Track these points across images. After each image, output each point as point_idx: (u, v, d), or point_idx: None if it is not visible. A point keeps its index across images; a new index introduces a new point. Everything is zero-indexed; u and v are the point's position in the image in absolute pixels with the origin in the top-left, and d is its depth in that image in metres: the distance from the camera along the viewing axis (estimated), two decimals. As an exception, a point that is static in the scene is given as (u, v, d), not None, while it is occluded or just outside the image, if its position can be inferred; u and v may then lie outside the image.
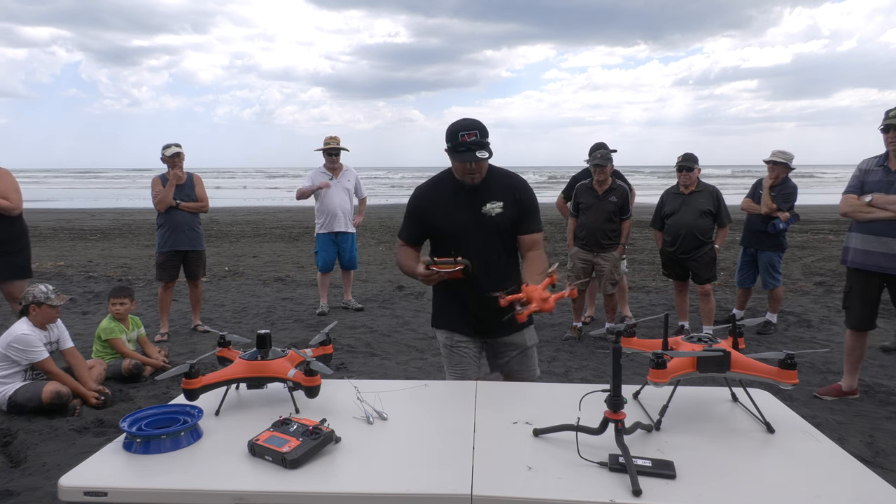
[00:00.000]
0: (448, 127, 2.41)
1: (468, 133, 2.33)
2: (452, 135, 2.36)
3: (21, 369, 3.83)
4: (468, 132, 2.33)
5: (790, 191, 5.51)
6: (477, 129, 2.35)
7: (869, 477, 1.52)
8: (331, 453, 1.61)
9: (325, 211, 6.31)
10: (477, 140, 2.33)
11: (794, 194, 5.50)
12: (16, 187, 4.51)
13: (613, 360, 1.54)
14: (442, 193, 2.52)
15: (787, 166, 5.56)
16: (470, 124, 2.36)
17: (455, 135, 2.35)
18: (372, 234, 14.08)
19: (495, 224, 2.46)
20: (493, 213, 2.45)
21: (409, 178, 57.20)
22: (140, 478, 1.52)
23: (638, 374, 4.23)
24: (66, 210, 22.28)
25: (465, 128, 2.35)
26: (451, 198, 2.48)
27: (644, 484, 1.41)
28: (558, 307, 6.57)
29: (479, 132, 2.34)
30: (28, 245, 4.68)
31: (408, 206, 2.59)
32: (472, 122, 2.38)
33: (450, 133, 2.38)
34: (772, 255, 5.58)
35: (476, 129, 2.34)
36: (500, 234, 2.49)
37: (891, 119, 3.61)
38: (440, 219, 2.49)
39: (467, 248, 2.39)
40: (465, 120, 2.40)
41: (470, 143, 2.33)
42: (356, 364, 4.79)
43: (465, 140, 2.33)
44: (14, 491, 2.87)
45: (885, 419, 3.69)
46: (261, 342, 1.99)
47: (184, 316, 6.19)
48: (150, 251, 7.07)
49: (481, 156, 2.32)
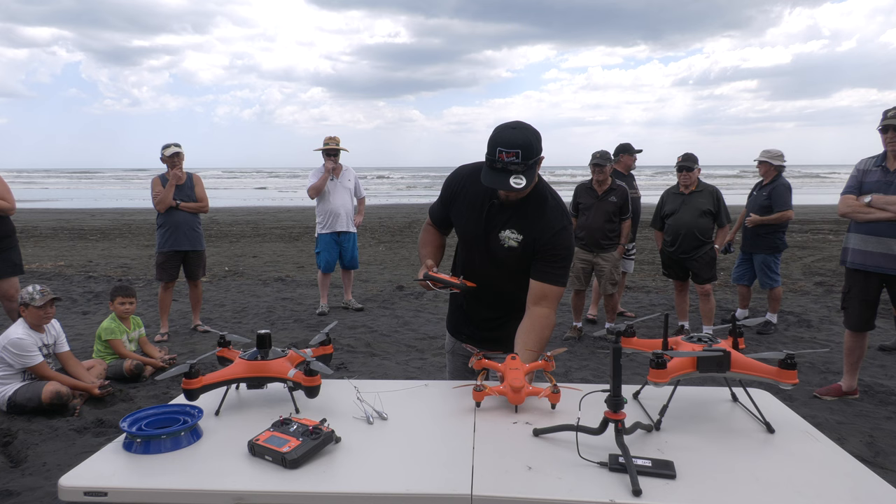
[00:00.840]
0: (494, 130, 1.97)
1: (507, 152, 1.88)
2: (491, 145, 1.93)
3: (19, 371, 3.83)
4: (508, 150, 1.88)
5: (782, 190, 5.54)
6: (520, 148, 1.88)
7: (869, 477, 1.52)
8: (331, 453, 1.61)
9: (327, 211, 6.32)
10: (517, 162, 1.89)
11: (784, 193, 5.54)
12: (8, 188, 4.63)
13: (613, 360, 1.54)
14: (476, 190, 2.13)
15: (770, 164, 5.60)
16: (512, 140, 1.90)
17: (493, 147, 1.92)
18: (372, 234, 14.09)
19: (502, 255, 2.13)
20: (506, 245, 2.11)
21: (408, 177, 57.16)
22: (140, 478, 1.52)
23: (638, 374, 4.23)
24: (66, 210, 22.28)
25: (506, 143, 1.89)
26: (479, 200, 2.15)
27: (644, 484, 1.41)
28: (558, 307, 6.57)
29: (522, 152, 1.88)
30: (17, 243, 4.79)
31: (444, 183, 2.28)
32: (517, 136, 1.91)
33: (490, 141, 1.95)
34: (766, 256, 5.62)
35: (518, 150, 1.88)
36: (507, 267, 2.16)
37: (889, 119, 3.62)
38: (458, 216, 2.23)
39: (474, 261, 2.23)
40: (511, 130, 1.93)
41: (507, 164, 1.89)
42: (356, 364, 4.80)
43: (502, 158, 1.89)
44: (14, 491, 2.87)
45: (884, 419, 3.70)
46: (261, 342, 1.99)
47: (184, 316, 6.19)
48: (150, 251, 7.08)
49: (516, 184, 1.89)
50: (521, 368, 1.90)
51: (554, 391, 1.88)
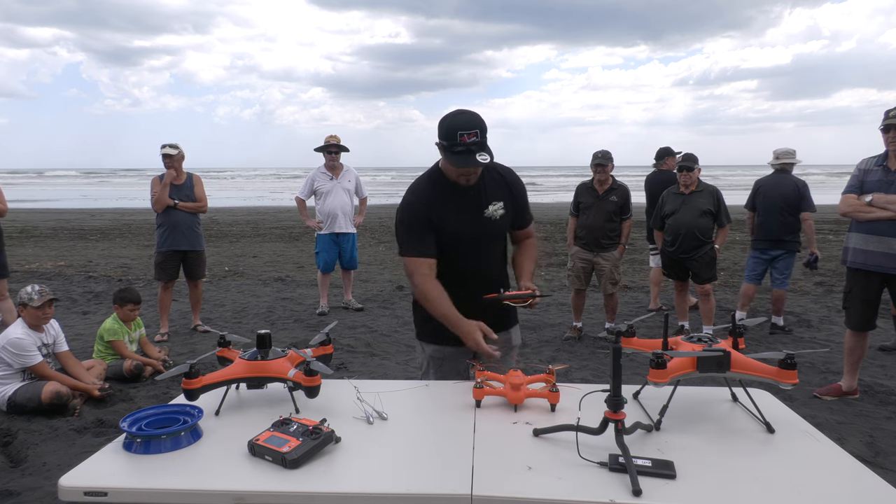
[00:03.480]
0: (442, 120, 2.14)
1: (468, 133, 2.05)
2: (449, 132, 2.08)
3: (18, 370, 3.83)
4: (468, 132, 2.05)
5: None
6: (478, 127, 2.07)
7: (869, 477, 1.52)
8: (331, 453, 1.61)
9: (325, 212, 6.32)
10: (478, 141, 2.06)
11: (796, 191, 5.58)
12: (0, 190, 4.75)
13: (613, 360, 1.54)
14: (440, 194, 2.24)
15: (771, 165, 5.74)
16: (470, 122, 2.08)
17: (452, 133, 2.07)
18: (372, 234, 14.08)
19: (499, 228, 2.31)
20: (497, 216, 2.27)
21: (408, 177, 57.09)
22: (140, 478, 1.52)
23: (638, 374, 4.23)
24: (66, 210, 22.29)
25: (465, 126, 2.06)
26: (451, 199, 2.23)
27: (644, 484, 1.41)
28: (558, 307, 6.60)
29: (480, 131, 2.07)
30: (3, 245, 4.87)
31: (406, 215, 2.25)
32: (472, 118, 2.10)
33: (446, 129, 2.10)
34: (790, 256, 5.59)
35: (477, 129, 2.06)
36: (503, 238, 2.37)
37: (891, 119, 3.61)
38: (444, 224, 2.22)
39: (467, 254, 2.26)
40: (463, 114, 2.12)
41: (469, 145, 2.05)
42: (356, 364, 4.79)
43: (464, 140, 2.05)
44: (14, 491, 2.87)
45: (885, 419, 3.69)
46: (261, 342, 1.99)
47: (184, 316, 6.19)
48: (150, 251, 7.06)
49: (482, 160, 2.04)
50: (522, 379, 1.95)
51: (553, 390, 1.89)
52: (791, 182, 5.55)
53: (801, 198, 5.45)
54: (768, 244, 5.59)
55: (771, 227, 5.54)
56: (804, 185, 5.54)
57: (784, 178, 5.60)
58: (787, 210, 5.47)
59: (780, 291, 5.62)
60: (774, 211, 5.50)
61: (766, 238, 5.59)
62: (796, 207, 5.46)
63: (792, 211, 5.47)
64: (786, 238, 5.51)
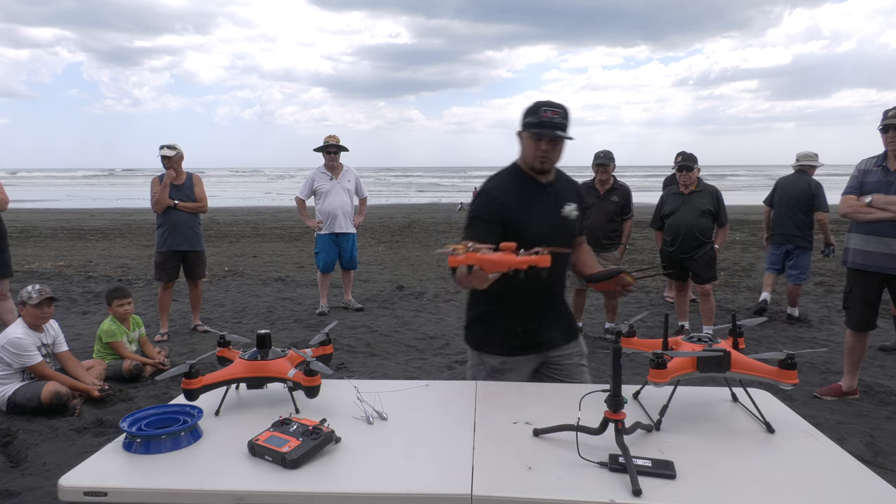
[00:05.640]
0: (528, 105, 2.21)
1: (553, 110, 2.13)
2: (534, 108, 2.15)
3: (18, 370, 3.83)
4: (553, 109, 2.13)
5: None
6: (562, 108, 2.14)
7: (869, 477, 1.52)
8: (331, 453, 1.61)
9: (325, 212, 6.32)
10: (561, 121, 2.14)
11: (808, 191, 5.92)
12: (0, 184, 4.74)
13: (613, 360, 1.54)
14: (519, 191, 2.24)
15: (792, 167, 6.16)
16: (556, 103, 2.15)
17: (537, 110, 2.14)
18: (372, 234, 14.09)
19: (574, 228, 2.35)
20: (572, 216, 2.32)
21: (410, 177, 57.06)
22: (140, 478, 1.52)
23: (638, 374, 4.23)
24: (66, 210, 22.30)
25: (550, 105, 2.14)
26: (530, 197, 2.24)
27: (644, 484, 1.41)
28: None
29: (564, 112, 2.14)
30: (7, 246, 4.84)
31: (479, 207, 2.22)
32: (558, 103, 2.17)
33: (530, 109, 2.17)
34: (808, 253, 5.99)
35: (561, 109, 2.14)
36: (574, 240, 2.39)
37: (890, 119, 3.61)
38: (523, 221, 2.18)
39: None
40: (549, 100, 2.20)
41: (553, 119, 2.13)
42: (356, 364, 4.79)
43: (547, 115, 2.12)
44: (14, 491, 2.87)
45: (885, 419, 3.69)
46: (261, 342, 1.99)
47: (184, 316, 6.19)
48: (150, 251, 7.07)
49: (563, 135, 2.13)
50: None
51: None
52: (805, 182, 5.95)
53: (814, 197, 5.86)
54: (781, 238, 6.04)
55: (782, 223, 6.01)
56: (817, 186, 5.93)
57: (800, 178, 6.03)
58: (799, 208, 5.91)
59: (794, 286, 5.98)
60: (787, 208, 5.97)
61: (779, 232, 6.05)
62: (808, 206, 5.88)
63: (804, 209, 5.90)
64: (796, 234, 5.91)
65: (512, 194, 2.22)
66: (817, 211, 5.90)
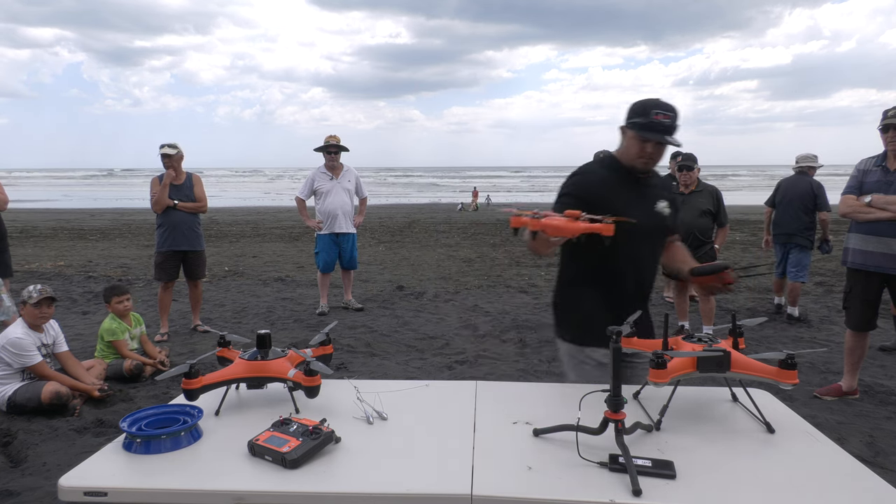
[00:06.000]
0: (636, 102, 2.14)
1: (664, 113, 2.06)
2: (644, 110, 2.08)
3: (18, 370, 3.83)
4: (666, 112, 2.06)
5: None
6: (674, 111, 2.07)
7: (869, 477, 1.52)
8: (331, 453, 1.61)
9: (325, 212, 6.32)
10: (672, 124, 2.08)
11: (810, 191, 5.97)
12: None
13: (613, 360, 1.54)
14: (615, 181, 2.21)
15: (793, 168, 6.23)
16: (668, 105, 2.08)
17: (647, 111, 2.07)
18: (372, 234, 14.09)
19: (668, 225, 2.30)
20: (666, 213, 2.27)
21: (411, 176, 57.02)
22: (140, 478, 1.52)
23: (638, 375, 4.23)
24: (65, 210, 22.30)
25: (662, 107, 2.07)
26: (626, 188, 2.21)
27: (644, 484, 1.41)
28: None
29: (675, 116, 2.08)
30: (8, 246, 4.84)
31: (573, 185, 2.22)
32: (670, 104, 2.08)
33: (640, 108, 2.10)
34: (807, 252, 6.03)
35: (673, 112, 2.07)
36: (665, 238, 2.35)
37: (890, 119, 3.61)
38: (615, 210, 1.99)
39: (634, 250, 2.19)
40: (660, 100, 2.10)
41: (664, 122, 2.07)
42: (356, 364, 4.79)
43: (658, 118, 2.06)
44: (14, 491, 2.87)
45: (885, 419, 3.69)
46: (261, 342, 1.98)
47: (184, 316, 6.19)
48: (150, 251, 7.07)
49: (672, 140, 2.08)
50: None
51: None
52: (807, 182, 6.02)
53: (815, 196, 5.93)
54: (783, 237, 6.11)
55: (784, 222, 6.09)
56: (819, 186, 6.00)
57: (802, 179, 6.09)
58: (801, 208, 5.97)
59: (794, 284, 6.04)
60: (789, 207, 6.05)
61: (781, 232, 6.12)
62: (810, 206, 5.94)
63: (805, 209, 5.96)
64: (797, 233, 5.97)
65: (607, 181, 2.21)
66: (820, 211, 5.96)
